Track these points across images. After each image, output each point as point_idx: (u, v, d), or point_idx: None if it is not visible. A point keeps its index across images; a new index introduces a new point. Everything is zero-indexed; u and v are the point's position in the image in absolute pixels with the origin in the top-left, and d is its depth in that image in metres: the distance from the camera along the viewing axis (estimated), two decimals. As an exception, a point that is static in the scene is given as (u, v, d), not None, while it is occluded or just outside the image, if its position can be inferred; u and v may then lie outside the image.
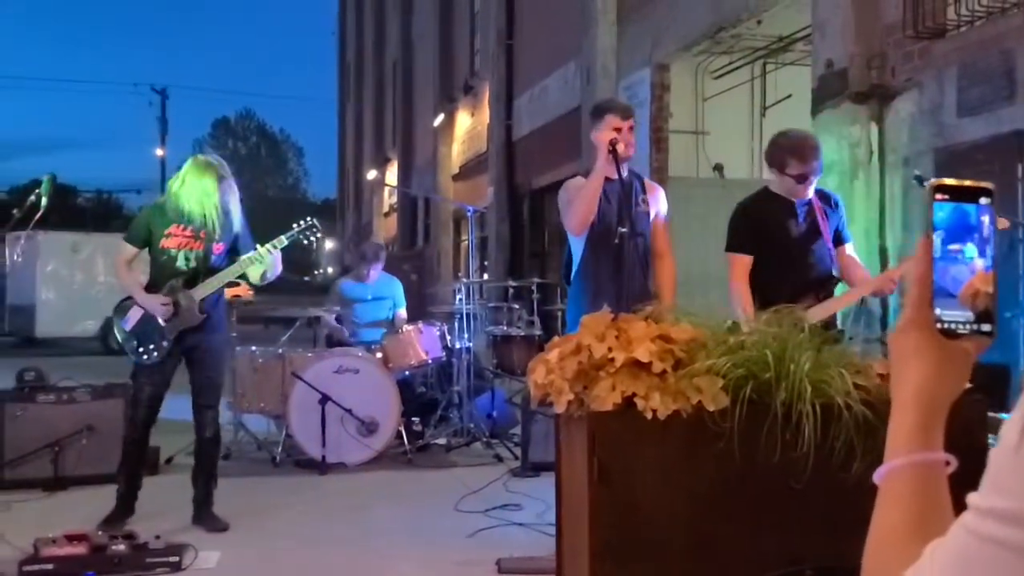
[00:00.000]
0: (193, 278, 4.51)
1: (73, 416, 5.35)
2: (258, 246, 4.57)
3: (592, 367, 2.33)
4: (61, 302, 16.79)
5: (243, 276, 4.62)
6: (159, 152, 38.82)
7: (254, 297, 7.91)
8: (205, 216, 4.52)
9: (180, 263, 4.50)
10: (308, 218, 4.85)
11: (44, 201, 4.46)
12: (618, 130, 3.94)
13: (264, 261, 4.53)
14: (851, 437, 2.22)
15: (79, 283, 16.75)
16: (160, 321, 4.46)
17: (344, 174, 41.03)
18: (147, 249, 4.55)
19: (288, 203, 67.99)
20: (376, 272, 7.23)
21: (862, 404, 2.24)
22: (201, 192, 4.51)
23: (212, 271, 4.56)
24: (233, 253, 4.60)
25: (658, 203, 4.10)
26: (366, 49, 33.64)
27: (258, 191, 70.48)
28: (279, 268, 4.62)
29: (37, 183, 4.56)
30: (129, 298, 4.57)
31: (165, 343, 4.47)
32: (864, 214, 5.96)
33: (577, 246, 4.03)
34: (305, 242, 4.79)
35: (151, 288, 4.51)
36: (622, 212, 3.92)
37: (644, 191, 3.98)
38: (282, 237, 4.64)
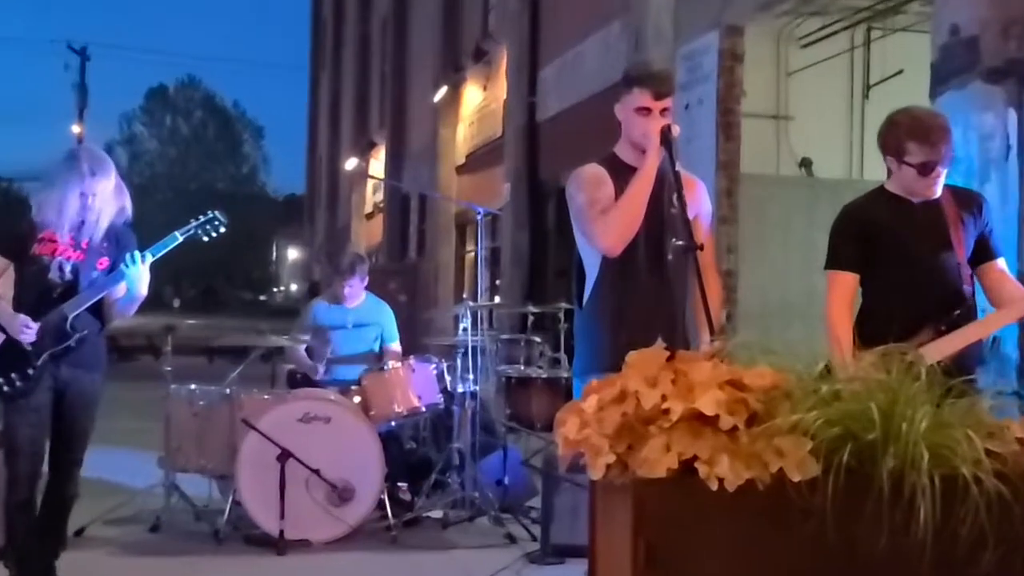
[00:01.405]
0: (67, 294, 4.62)
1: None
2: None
3: (640, 421, 2.32)
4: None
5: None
6: (76, 129, 39.16)
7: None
8: (83, 224, 4.64)
9: (53, 274, 4.61)
10: (210, 211, 5.00)
11: None
12: (645, 111, 3.88)
13: (134, 268, 4.63)
14: (980, 520, 2.20)
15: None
16: (25, 344, 4.55)
17: (315, 163, 41.27)
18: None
19: (242, 199, 68.44)
20: (355, 291, 7.26)
21: (995, 477, 2.21)
22: (61, 195, 4.63)
23: (92, 284, 4.67)
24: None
25: (699, 203, 4.05)
26: (347, 2, 33.90)
27: (203, 183, 71.00)
28: (140, 289, 4.68)
29: None
30: None
31: (31, 369, 4.56)
32: (996, 227, 5.93)
33: (592, 258, 3.98)
34: (205, 238, 4.96)
35: (17, 306, 4.61)
36: (658, 215, 3.88)
37: (678, 187, 3.82)
38: (175, 232, 4.80)
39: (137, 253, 4.64)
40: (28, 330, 4.53)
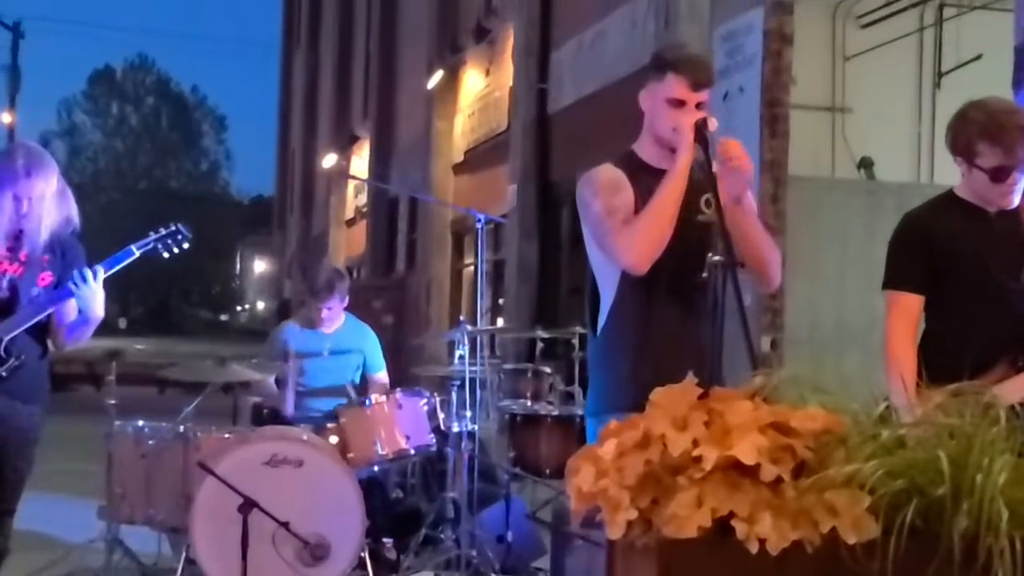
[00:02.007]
0: (4, 312, 4.63)
1: None
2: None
3: (667, 470, 2.31)
4: None
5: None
6: (6, 118, 39.27)
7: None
8: (22, 233, 4.65)
9: None
10: (172, 224, 5.10)
11: None
12: (680, 103, 3.85)
13: (85, 287, 4.65)
14: (1070, 590, 2.20)
15: None
16: None
17: (287, 159, 41.43)
18: None
19: (201, 201, 68.73)
20: (333, 313, 7.27)
21: (1087, 540, 2.21)
22: None
23: (33, 302, 4.69)
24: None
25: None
26: (327, -30, 34.03)
27: (155, 181, 71.28)
28: (95, 311, 4.72)
29: None
30: None
31: None
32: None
33: (608, 276, 3.97)
34: (166, 254, 5.07)
35: None
36: (687, 224, 3.85)
37: (715, 191, 3.74)
38: (131, 246, 4.88)
39: (87, 269, 4.65)
40: None
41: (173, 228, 5.03)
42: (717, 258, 3.82)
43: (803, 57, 9.76)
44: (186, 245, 5.06)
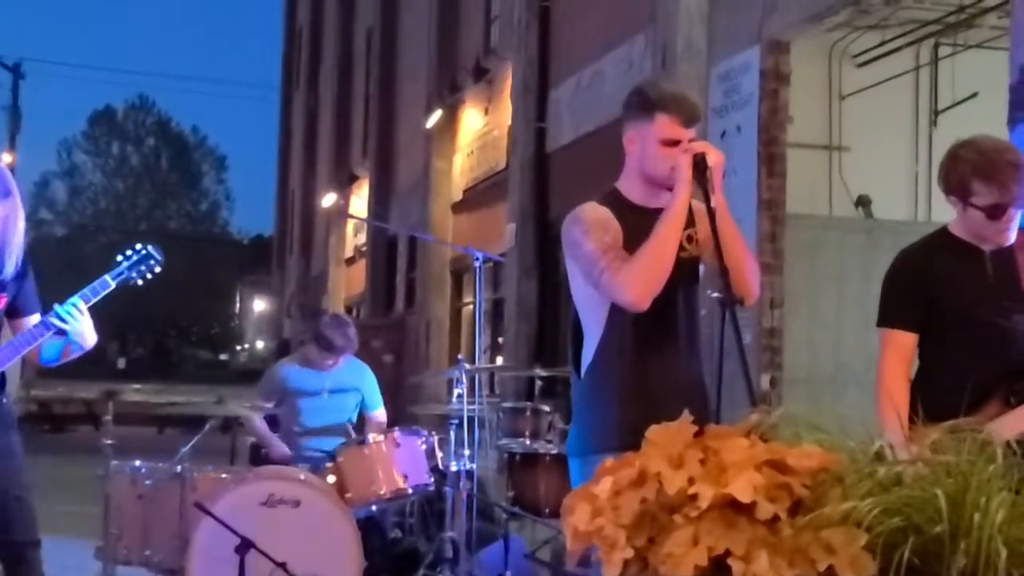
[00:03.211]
0: None
1: None
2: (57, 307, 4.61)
3: (663, 508, 2.31)
4: None
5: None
6: (6, 158, 39.35)
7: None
8: None
9: None
10: (139, 245, 4.92)
11: None
12: (675, 143, 3.81)
13: (73, 322, 4.57)
14: (1070, 630, 2.19)
15: None
16: None
17: (286, 199, 41.49)
18: None
19: (201, 241, 68.79)
20: (340, 362, 7.28)
21: (1087, 578, 2.20)
22: None
23: None
24: (12, 312, 4.70)
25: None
26: (326, 10, 34.23)
27: (155, 222, 71.36)
28: (89, 341, 4.69)
29: None
30: None
31: None
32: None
33: (593, 315, 3.92)
34: (140, 281, 4.86)
35: None
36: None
37: (713, 226, 3.73)
38: (105, 277, 4.72)
39: (74, 301, 4.58)
40: None
41: (143, 251, 4.85)
42: (715, 295, 3.83)
43: (800, 96, 9.80)
44: (158, 269, 4.86)
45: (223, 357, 73.05)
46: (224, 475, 6.42)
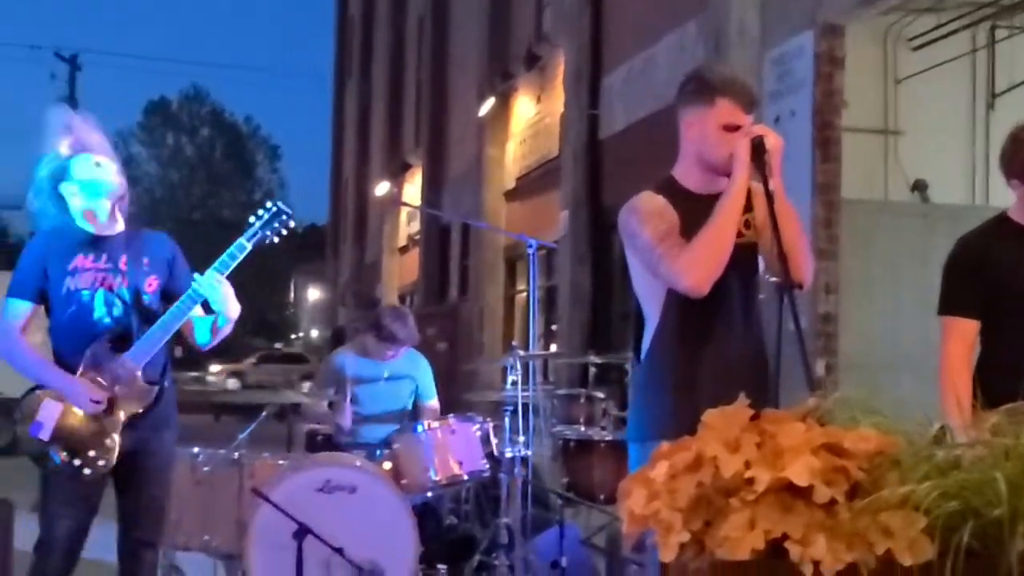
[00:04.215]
0: (123, 335, 4.52)
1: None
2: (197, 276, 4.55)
3: (720, 492, 2.31)
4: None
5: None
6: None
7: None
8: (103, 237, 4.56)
9: (100, 312, 4.51)
10: (269, 203, 4.81)
11: None
12: (736, 128, 3.79)
13: (216, 290, 4.51)
14: None
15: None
16: (94, 414, 4.45)
17: (340, 188, 41.65)
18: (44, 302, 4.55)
19: (253, 229, 68.94)
20: (399, 352, 7.30)
21: None
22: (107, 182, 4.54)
23: (149, 319, 4.56)
24: (168, 296, 4.61)
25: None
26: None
27: (209, 211, 71.78)
28: (233, 309, 4.60)
29: None
30: (35, 388, 4.54)
31: (110, 440, 4.47)
32: None
33: (652, 301, 3.93)
34: (275, 238, 4.76)
35: (61, 362, 4.52)
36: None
37: (771, 210, 3.70)
38: (240, 240, 4.61)
39: (214, 269, 4.51)
40: (96, 402, 4.43)
41: (274, 208, 4.73)
42: (773, 279, 3.80)
43: (855, 80, 9.73)
44: (292, 224, 4.73)
45: (278, 345, 73.42)
46: (281, 461, 6.46)
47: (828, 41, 9.62)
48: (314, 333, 67.64)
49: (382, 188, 29.38)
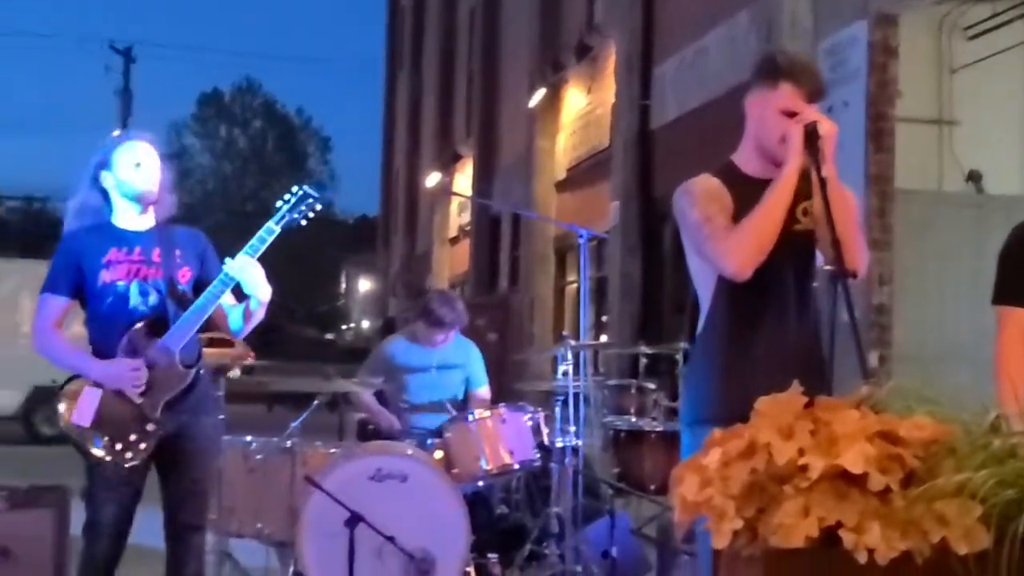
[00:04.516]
0: (158, 322, 4.60)
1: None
2: (228, 260, 4.64)
3: (773, 479, 2.30)
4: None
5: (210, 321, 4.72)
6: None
7: (255, 361, 8.09)
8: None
9: (135, 302, 4.60)
10: (295, 187, 4.86)
11: None
12: (793, 114, 3.76)
13: (247, 276, 4.59)
14: None
15: (-6, 334, 17.30)
16: (133, 397, 4.54)
17: (391, 179, 41.79)
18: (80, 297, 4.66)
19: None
20: (449, 338, 7.32)
21: None
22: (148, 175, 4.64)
23: (184, 306, 4.64)
24: (200, 288, 4.69)
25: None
26: (429, -10, 34.35)
27: (261, 203, 72.11)
28: (264, 292, 4.66)
29: None
30: (73, 378, 4.64)
31: (151, 425, 4.56)
32: None
33: (706, 286, 3.93)
34: (303, 221, 4.82)
35: (99, 353, 4.61)
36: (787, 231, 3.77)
37: (824, 196, 3.66)
38: (269, 224, 4.69)
39: (244, 253, 4.60)
40: (135, 374, 4.52)
41: (300, 191, 4.80)
42: (828, 267, 3.77)
43: (909, 70, 9.66)
44: (319, 207, 4.81)
45: (329, 336, 73.65)
46: (333, 450, 6.49)
47: (882, 31, 9.55)
48: (365, 324, 67.86)
49: (433, 179, 29.46)
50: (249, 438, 6.62)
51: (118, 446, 4.53)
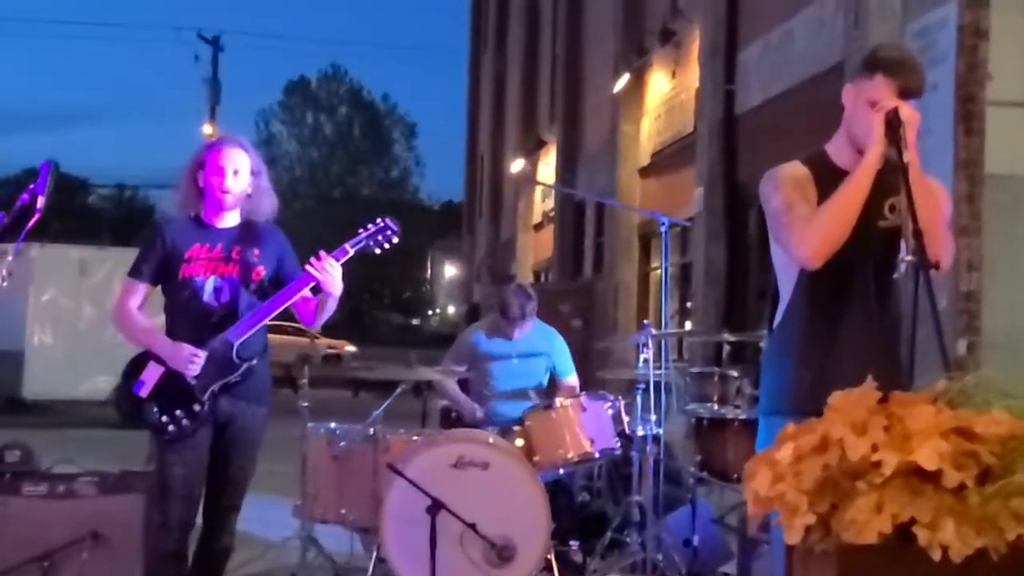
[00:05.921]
0: (227, 318, 4.87)
1: (72, 517, 5.56)
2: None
3: (846, 475, 2.30)
4: (61, 348, 17.64)
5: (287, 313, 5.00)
6: (207, 129, 40.57)
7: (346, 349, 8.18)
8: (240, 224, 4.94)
9: (208, 297, 4.88)
10: (379, 219, 5.15)
11: (41, 200, 4.74)
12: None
13: (327, 278, 4.82)
14: None
15: (89, 320, 17.56)
16: (188, 378, 4.81)
17: (475, 165, 41.86)
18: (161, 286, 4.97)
19: (392, 205, 69.81)
20: (525, 328, 7.35)
21: None
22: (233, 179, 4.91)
23: (261, 299, 4.92)
24: (277, 284, 4.96)
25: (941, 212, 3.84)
26: (513, -26, 34.34)
27: (348, 189, 72.69)
28: (338, 289, 4.90)
29: (32, 174, 4.90)
30: (143, 355, 4.95)
31: (198, 406, 4.82)
32: None
33: (786, 275, 3.90)
34: (377, 251, 5.11)
35: (173, 339, 4.89)
36: (869, 222, 3.71)
37: (907, 187, 3.56)
38: (345, 245, 4.97)
39: (324, 255, 4.84)
40: (194, 360, 4.79)
41: (382, 224, 5.10)
42: (909, 258, 3.71)
43: (999, 52, 9.48)
44: (396, 240, 5.12)
45: (415, 321, 74.01)
46: (415, 437, 6.54)
47: (972, 12, 9.40)
48: (450, 309, 68.13)
49: (517, 165, 29.48)
50: (333, 425, 6.70)
51: (164, 418, 4.81)
